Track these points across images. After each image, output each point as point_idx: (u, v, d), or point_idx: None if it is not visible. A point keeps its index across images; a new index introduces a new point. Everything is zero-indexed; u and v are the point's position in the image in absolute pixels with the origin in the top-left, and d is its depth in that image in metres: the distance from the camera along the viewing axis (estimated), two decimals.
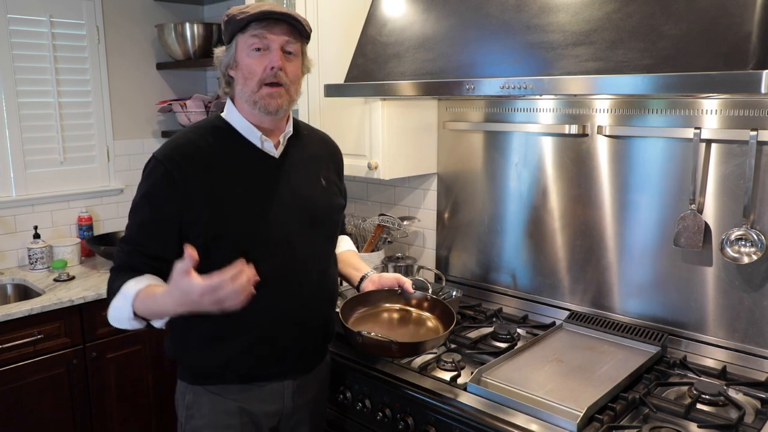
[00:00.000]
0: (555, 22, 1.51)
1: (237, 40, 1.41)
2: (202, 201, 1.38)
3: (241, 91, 1.43)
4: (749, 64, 1.19)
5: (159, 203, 1.39)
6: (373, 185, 2.63)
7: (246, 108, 1.44)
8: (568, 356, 1.72)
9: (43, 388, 2.37)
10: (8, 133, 2.76)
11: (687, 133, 1.69)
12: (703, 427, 1.39)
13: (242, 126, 1.46)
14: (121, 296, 1.36)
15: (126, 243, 1.44)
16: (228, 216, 1.40)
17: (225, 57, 1.44)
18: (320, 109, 2.30)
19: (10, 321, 2.27)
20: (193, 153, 1.41)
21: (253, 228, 1.42)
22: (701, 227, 1.69)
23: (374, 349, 1.57)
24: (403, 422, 1.61)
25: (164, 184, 1.38)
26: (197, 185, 1.38)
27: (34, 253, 2.76)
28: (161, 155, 1.40)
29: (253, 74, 1.40)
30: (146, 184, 1.41)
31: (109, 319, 1.42)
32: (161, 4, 3.24)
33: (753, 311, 1.66)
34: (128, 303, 1.34)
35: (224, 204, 1.40)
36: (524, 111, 2.04)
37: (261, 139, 1.45)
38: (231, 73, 1.45)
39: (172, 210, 1.38)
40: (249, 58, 1.40)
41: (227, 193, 1.41)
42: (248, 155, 1.45)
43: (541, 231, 2.06)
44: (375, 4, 2.00)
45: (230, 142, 1.45)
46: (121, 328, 1.42)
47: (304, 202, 1.50)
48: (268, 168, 1.47)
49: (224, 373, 1.47)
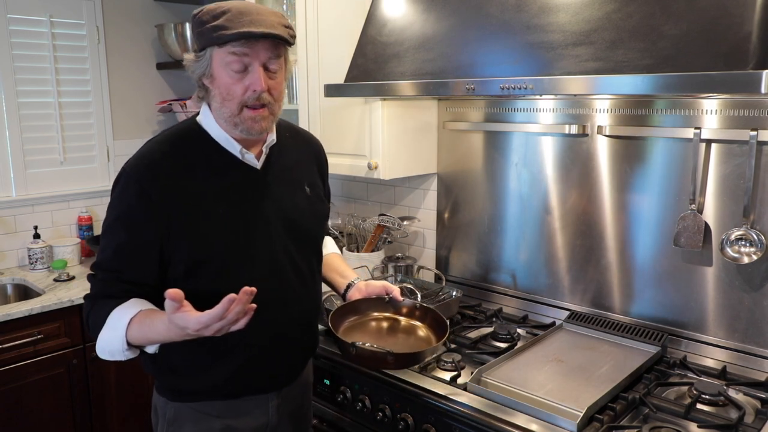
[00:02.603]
0: (555, 22, 1.51)
1: (212, 52, 1.25)
2: (184, 226, 1.27)
3: (219, 109, 1.29)
4: (749, 64, 1.19)
5: (135, 226, 1.27)
6: (373, 185, 2.63)
7: (224, 125, 1.32)
8: (568, 356, 1.72)
9: (43, 388, 2.37)
10: (8, 133, 2.76)
11: (687, 133, 1.69)
12: (703, 427, 1.39)
13: (220, 136, 1.33)
14: (110, 328, 1.25)
15: (101, 269, 1.31)
16: (212, 240, 1.30)
17: (197, 66, 1.28)
18: (320, 109, 2.30)
19: (10, 321, 2.27)
20: (169, 170, 1.28)
21: (238, 249, 1.33)
22: (701, 227, 1.69)
23: (368, 361, 1.49)
24: (402, 422, 1.61)
25: (140, 205, 1.26)
26: (176, 208, 1.27)
27: (34, 253, 2.76)
28: (134, 172, 1.27)
29: (233, 96, 1.25)
30: (119, 205, 1.28)
31: (99, 352, 1.30)
32: (161, 4, 3.24)
33: (753, 311, 1.66)
34: (121, 334, 1.24)
35: (207, 227, 1.29)
36: (524, 111, 2.04)
37: (241, 152, 1.34)
38: (206, 83, 1.29)
39: (151, 233, 1.27)
40: (228, 77, 1.25)
41: (210, 214, 1.30)
42: (229, 168, 1.33)
43: (541, 231, 2.06)
44: (375, 4, 2.00)
45: (208, 153, 1.32)
46: (112, 360, 1.30)
47: (289, 216, 1.41)
48: (250, 181, 1.36)
49: (209, 391, 1.40)
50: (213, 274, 1.30)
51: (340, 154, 2.27)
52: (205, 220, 1.29)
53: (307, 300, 1.49)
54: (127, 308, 1.26)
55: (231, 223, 1.32)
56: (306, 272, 1.47)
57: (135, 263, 1.29)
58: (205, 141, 1.33)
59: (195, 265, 1.29)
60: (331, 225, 2.56)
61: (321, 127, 2.33)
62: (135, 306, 1.27)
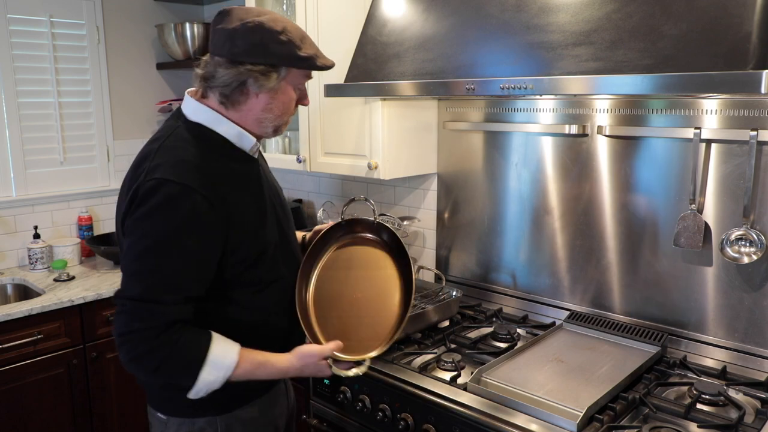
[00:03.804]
0: (555, 22, 1.51)
1: (290, 72, 1.31)
2: (241, 225, 1.29)
3: (264, 117, 1.34)
4: (749, 64, 1.19)
5: (202, 236, 1.22)
6: (373, 185, 2.62)
7: (252, 125, 1.36)
8: (568, 356, 1.72)
9: (43, 388, 2.37)
10: (8, 133, 2.76)
11: (687, 133, 1.69)
12: (703, 427, 1.39)
13: (231, 134, 1.34)
14: (212, 369, 1.23)
15: (161, 293, 1.19)
16: (263, 231, 1.36)
17: (256, 77, 1.28)
18: (320, 109, 2.30)
19: (10, 321, 2.27)
20: (211, 172, 1.27)
21: (277, 234, 1.41)
22: (701, 227, 1.69)
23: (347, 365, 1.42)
24: (402, 422, 1.61)
25: (203, 211, 1.21)
26: (231, 209, 1.27)
27: (34, 253, 2.76)
28: (186, 179, 1.21)
29: (289, 109, 1.37)
30: (176, 215, 1.20)
31: (194, 394, 1.26)
32: (161, 4, 3.24)
33: (753, 311, 1.66)
34: (227, 373, 1.25)
35: (257, 220, 1.35)
36: (524, 111, 2.04)
37: (254, 144, 1.39)
38: (253, 93, 1.31)
39: (217, 240, 1.25)
40: (293, 93, 1.36)
41: (249, 205, 1.34)
42: (239, 162, 1.37)
43: (541, 231, 2.06)
44: (375, 4, 2.00)
45: (223, 151, 1.34)
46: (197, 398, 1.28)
47: (280, 201, 1.50)
48: (256, 170, 1.42)
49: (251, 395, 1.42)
50: (268, 264, 1.37)
51: (340, 154, 2.27)
52: (253, 214, 1.34)
53: None
54: (224, 347, 1.27)
55: (263, 210, 1.38)
56: (297, 244, 1.58)
57: (203, 276, 1.25)
58: (213, 140, 1.33)
59: (253, 259, 1.34)
60: None
61: (321, 127, 2.33)
62: (228, 344, 1.28)
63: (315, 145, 2.37)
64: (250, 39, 1.25)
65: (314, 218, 2.82)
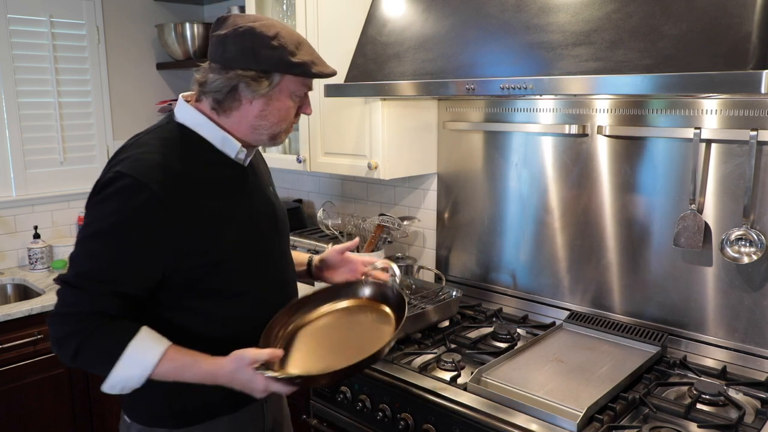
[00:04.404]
0: (555, 22, 1.51)
1: (284, 78, 1.27)
2: (199, 227, 1.24)
3: (259, 124, 1.30)
4: (749, 64, 1.19)
5: (143, 233, 1.19)
6: (373, 185, 2.62)
7: (247, 132, 1.32)
8: (568, 356, 1.72)
9: (43, 388, 2.37)
10: (8, 133, 2.76)
11: (687, 133, 1.69)
12: (703, 427, 1.39)
13: (215, 137, 1.31)
14: (129, 365, 1.18)
15: (89, 280, 1.19)
16: (222, 241, 1.28)
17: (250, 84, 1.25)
18: (320, 109, 2.30)
19: (10, 321, 2.27)
20: (174, 171, 1.23)
21: (246, 245, 1.33)
22: (701, 227, 1.69)
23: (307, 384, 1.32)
24: (402, 422, 1.61)
25: (151, 210, 1.18)
26: (188, 211, 1.23)
27: (34, 253, 2.76)
28: (139, 174, 1.19)
29: (287, 118, 1.32)
30: (122, 209, 1.19)
31: (108, 389, 1.22)
32: (161, 4, 3.24)
33: (753, 311, 1.66)
34: (146, 373, 1.19)
35: (221, 227, 1.28)
36: (524, 111, 2.04)
37: (239, 150, 1.33)
38: (246, 100, 1.28)
39: (161, 240, 1.20)
40: (290, 102, 1.31)
41: (216, 214, 1.28)
42: (221, 167, 1.32)
43: (541, 231, 2.06)
44: (375, 4, 2.00)
45: (201, 153, 1.30)
46: (116, 393, 1.23)
47: (270, 210, 1.43)
48: (241, 178, 1.36)
49: (212, 410, 1.33)
50: (227, 274, 1.29)
51: (340, 154, 2.27)
52: (215, 221, 1.27)
53: (294, 284, 1.52)
54: (149, 342, 1.21)
55: (236, 219, 1.32)
56: (289, 258, 1.52)
57: (136, 275, 1.21)
58: (195, 141, 1.31)
59: (212, 266, 1.27)
60: (331, 225, 2.56)
61: (321, 127, 2.33)
62: (156, 340, 1.22)
63: (315, 145, 2.37)
64: (240, 44, 1.23)
65: (314, 218, 2.82)
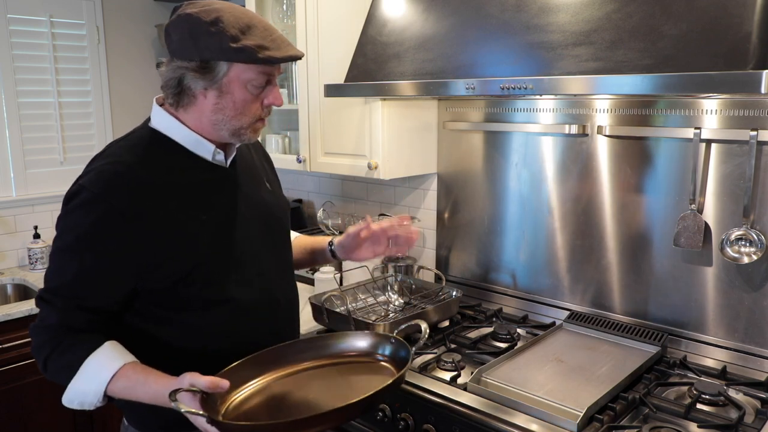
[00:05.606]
0: (555, 22, 1.51)
1: (233, 67, 1.16)
2: (165, 238, 1.18)
3: (217, 119, 1.21)
4: (749, 64, 1.19)
5: (105, 248, 1.15)
6: (373, 185, 2.63)
7: (209, 129, 1.23)
8: (568, 356, 1.72)
9: (43, 388, 2.37)
10: (8, 133, 2.76)
11: (687, 133, 1.69)
12: (703, 427, 1.39)
13: (188, 140, 1.25)
14: (85, 380, 1.16)
15: (58, 295, 1.17)
16: (199, 247, 1.22)
17: (195, 77, 1.16)
18: (320, 109, 2.30)
19: (10, 321, 2.27)
20: (138, 182, 1.17)
21: (224, 253, 1.26)
22: (701, 227, 1.69)
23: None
24: (402, 422, 1.61)
25: (110, 224, 1.14)
26: (154, 222, 1.17)
27: (34, 253, 2.76)
28: (98, 188, 1.14)
29: (248, 111, 1.21)
30: (81, 224, 1.15)
31: (66, 402, 1.19)
32: (161, 4, 3.24)
33: (753, 311, 1.66)
34: (100, 389, 1.16)
35: (192, 235, 1.21)
36: (524, 111, 2.04)
37: (214, 152, 1.26)
38: (199, 92, 1.19)
39: (124, 255, 1.16)
40: (247, 93, 1.19)
41: (189, 220, 1.21)
42: (198, 170, 1.26)
43: (541, 231, 2.06)
44: (375, 4, 2.00)
45: (174, 158, 1.24)
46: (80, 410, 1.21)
47: (261, 211, 1.37)
48: (221, 181, 1.29)
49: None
50: (203, 281, 1.23)
51: (340, 154, 2.27)
52: (187, 228, 1.21)
53: (290, 293, 1.47)
54: (105, 358, 1.17)
55: (213, 226, 1.26)
56: (285, 266, 1.46)
57: (101, 289, 1.18)
58: (167, 146, 1.25)
59: (184, 275, 1.21)
60: (331, 225, 2.56)
61: (321, 127, 2.33)
62: (114, 356, 1.17)
63: (315, 145, 2.37)
64: (180, 33, 1.15)
65: (314, 218, 2.82)
